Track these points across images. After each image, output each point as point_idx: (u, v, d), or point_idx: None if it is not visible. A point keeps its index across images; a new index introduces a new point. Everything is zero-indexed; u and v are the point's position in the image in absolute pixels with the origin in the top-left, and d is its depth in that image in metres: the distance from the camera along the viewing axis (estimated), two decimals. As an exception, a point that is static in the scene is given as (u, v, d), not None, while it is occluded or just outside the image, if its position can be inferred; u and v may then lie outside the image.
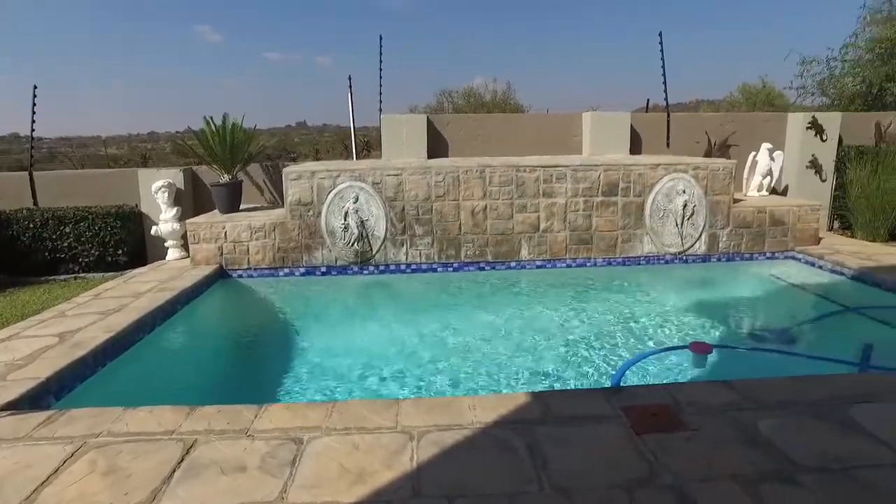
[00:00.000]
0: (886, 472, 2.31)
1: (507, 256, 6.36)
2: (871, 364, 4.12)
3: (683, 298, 5.63)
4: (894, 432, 2.60)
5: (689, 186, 6.38)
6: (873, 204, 7.06)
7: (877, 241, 7.06)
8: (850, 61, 12.09)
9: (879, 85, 10.78)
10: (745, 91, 28.75)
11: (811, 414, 2.78)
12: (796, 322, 5.12)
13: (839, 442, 2.52)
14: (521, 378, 3.81)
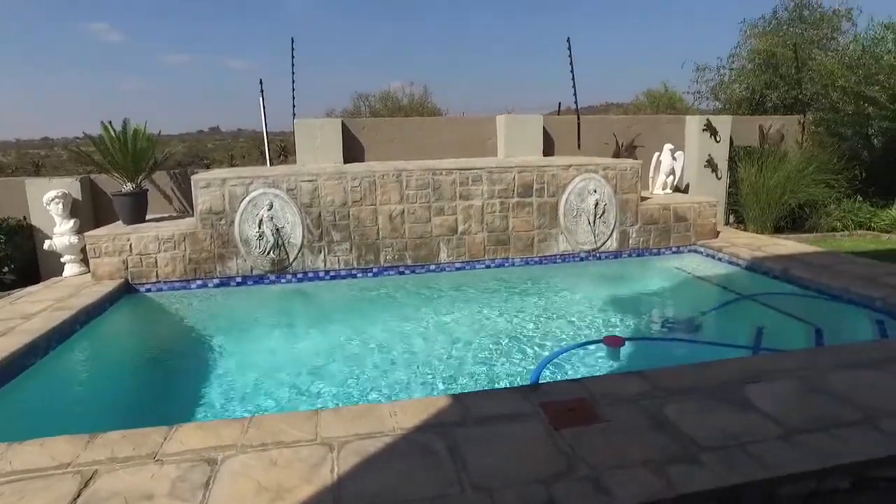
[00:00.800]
0: (773, 444, 2.50)
1: (426, 260, 6.39)
2: (762, 346, 4.46)
3: (598, 294, 5.86)
4: (778, 407, 2.83)
5: (599, 186, 6.66)
6: (760, 199, 7.66)
7: (765, 233, 7.66)
8: (736, 69, 13.07)
9: (760, 91, 11.71)
10: (649, 95, 30.39)
11: (712, 396, 2.97)
12: (700, 311, 5.45)
13: (735, 420, 2.71)
14: (443, 381, 3.83)
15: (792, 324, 4.92)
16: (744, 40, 13.66)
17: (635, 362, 4.10)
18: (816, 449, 2.47)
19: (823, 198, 7.83)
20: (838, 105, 8.31)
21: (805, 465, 2.36)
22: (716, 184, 8.38)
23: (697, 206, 7.09)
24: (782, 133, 8.84)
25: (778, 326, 4.93)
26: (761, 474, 2.32)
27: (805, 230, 7.90)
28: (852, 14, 12.38)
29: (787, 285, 5.68)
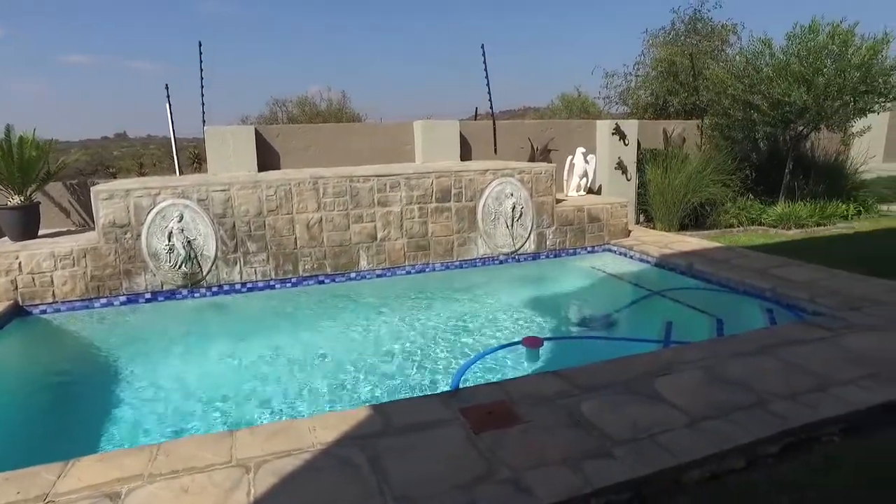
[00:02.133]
0: (679, 433, 2.64)
1: (346, 268, 6.30)
2: (671, 339, 4.71)
3: (517, 296, 5.99)
4: (684, 397, 2.99)
5: (516, 190, 6.81)
6: (667, 199, 8.10)
7: (671, 230, 8.10)
8: (641, 77, 13.79)
9: (664, 97, 12.41)
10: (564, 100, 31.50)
11: (625, 391, 3.10)
12: (614, 308, 5.69)
13: (646, 413, 2.84)
14: (364, 391, 3.79)
15: (697, 316, 5.22)
16: (647, 49, 14.44)
17: (554, 361, 4.21)
18: (717, 434, 2.63)
19: (721, 196, 8.39)
20: (729, 111, 8.93)
21: (707, 450, 2.51)
22: (626, 185, 8.78)
23: (609, 207, 7.41)
24: (684, 136, 9.41)
25: (685, 319, 5.22)
26: (669, 462, 2.44)
27: (706, 227, 8.43)
28: (737, 28, 13.39)
29: (692, 279, 6.03)
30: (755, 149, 9.82)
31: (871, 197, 9.32)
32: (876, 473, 2.50)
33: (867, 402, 2.93)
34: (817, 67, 7.97)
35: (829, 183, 9.20)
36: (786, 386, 3.13)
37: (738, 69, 8.88)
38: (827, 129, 8.99)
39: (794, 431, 2.71)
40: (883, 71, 7.93)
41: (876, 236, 7.71)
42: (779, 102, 8.19)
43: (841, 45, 8.04)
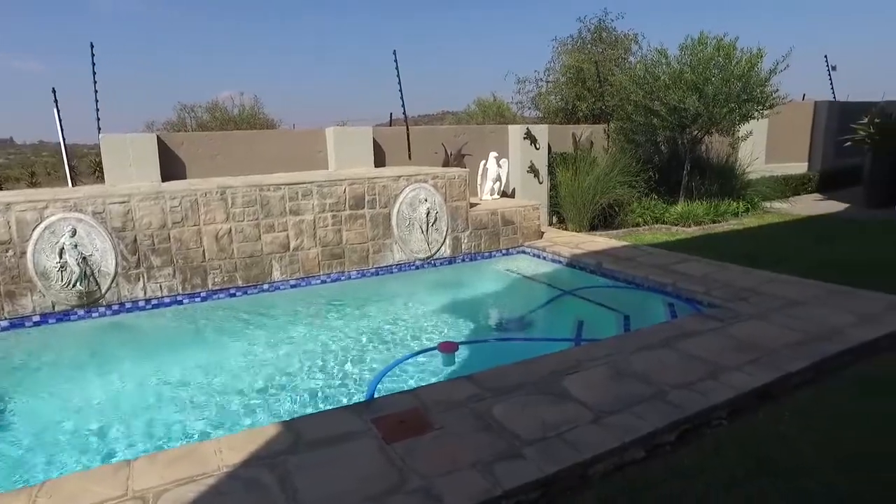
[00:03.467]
0: (586, 429, 2.75)
1: (258, 279, 6.10)
2: (582, 337, 4.90)
3: (434, 301, 6.03)
4: (591, 393, 3.12)
5: (430, 195, 6.85)
6: (577, 201, 8.42)
7: (582, 231, 8.43)
8: (552, 82, 14.31)
9: (573, 102, 12.93)
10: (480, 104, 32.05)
11: (536, 391, 3.19)
12: (529, 309, 5.83)
13: (555, 412, 2.93)
14: (277, 407, 3.68)
15: (606, 313, 5.46)
16: (557, 56, 15.00)
17: (470, 365, 4.26)
18: (620, 427, 2.76)
19: (627, 197, 8.82)
20: (632, 116, 9.43)
21: (610, 444, 2.63)
22: (538, 188, 9.05)
23: (523, 210, 7.60)
24: (591, 140, 9.82)
25: (595, 317, 5.44)
26: (575, 459, 2.53)
27: (615, 226, 8.83)
28: (638, 38, 14.18)
29: (601, 278, 6.30)
30: (657, 151, 10.40)
31: (757, 195, 10.10)
32: (755, 452, 2.70)
33: (749, 386, 3.17)
34: (706, 77, 8.55)
35: (722, 183, 9.89)
36: (682, 376, 3.32)
37: (638, 77, 9.37)
38: (717, 133, 9.65)
39: (688, 419, 2.88)
40: (760, 81, 8.63)
41: (761, 231, 8.36)
42: (675, 108, 8.72)
43: (725, 57, 8.68)
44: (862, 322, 4.20)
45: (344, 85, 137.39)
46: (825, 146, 13.50)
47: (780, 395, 3.24)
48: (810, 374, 3.47)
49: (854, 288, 5.06)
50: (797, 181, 12.42)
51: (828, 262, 6.32)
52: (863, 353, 3.76)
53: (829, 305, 4.61)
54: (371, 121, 9.79)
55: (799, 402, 3.18)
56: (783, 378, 3.32)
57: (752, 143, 11.18)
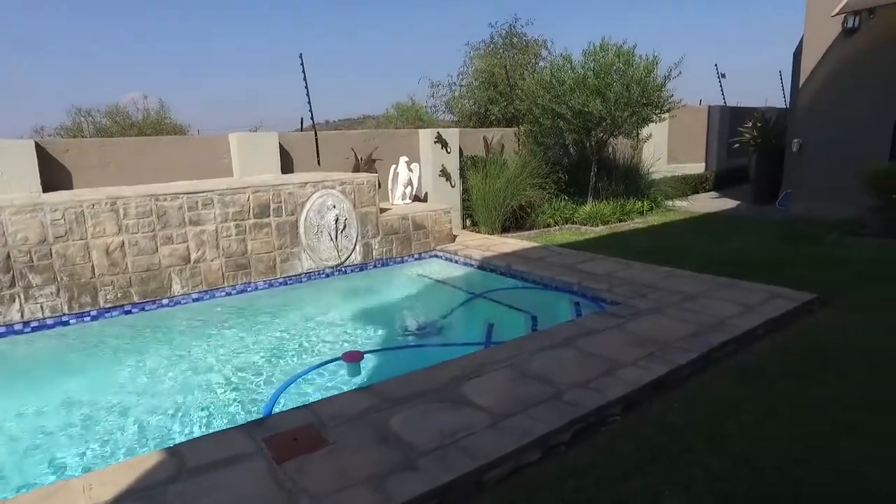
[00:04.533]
0: (482, 435, 2.74)
1: (156, 294, 5.74)
2: (491, 340, 4.93)
3: (344, 309, 5.89)
4: (490, 398, 3.12)
5: (338, 201, 6.71)
6: (488, 203, 8.52)
7: (495, 233, 8.54)
8: (465, 86, 14.46)
9: (485, 106, 13.12)
10: (398, 108, 31.99)
11: (436, 399, 3.15)
12: (440, 314, 5.81)
13: (453, 419, 2.90)
14: (165, 432, 3.44)
15: (514, 315, 5.52)
16: (469, 61, 15.16)
17: (376, 374, 4.18)
18: (516, 430, 2.77)
19: (537, 198, 9.02)
20: (539, 119, 9.66)
21: (506, 448, 2.62)
22: (451, 191, 9.09)
23: (434, 214, 7.60)
24: (502, 143, 9.98)
25: (504, 319, 5.50)
26: (470, 466, 2.50)
27: (527, 228, 9.02)
28: (548, 44, 14.59)
29: (511, 279, 6.39)
30: (566, 154, 10.73)
31: (659, 194, 10.63)
32: (646, 444, 2.79)
33: (643, 380, 3.28)
34: (608, 82, 8.90)
35: (628, 183, 10.34)
36: (580, 374, 3.39)
37: (545, 81, 9.62)
38: (621, 136, 10.06)
39: (584, 417, 2.93)
40: (656, 87, 9.09)
41: (663, 229, 8.80)
42: (580, 112, 9.02)
43: (625, 63, 9.07)
44: (744, 312, 4.47)
45: (266, 87, 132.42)
46: (719, 148, 14.43)
47: (672, 387, 3.37)
48: (700, 364, 3.64)
49: (740, 280, 5.39)
50: (696, 180, 13.20)
51: (720, 257, 6.72)
52: (744, 342, 3.99)
53: (718, 297, 4.88)
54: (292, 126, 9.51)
55: (688, 391, 3.31)
56: (675, 370, 3.46)
57: (655, 144, 11.77)
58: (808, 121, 9.28)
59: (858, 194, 7.71)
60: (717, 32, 53.03)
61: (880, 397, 3.17)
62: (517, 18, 15.01)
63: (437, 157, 8.97)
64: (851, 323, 4.37)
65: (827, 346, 3.93)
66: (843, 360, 3.68)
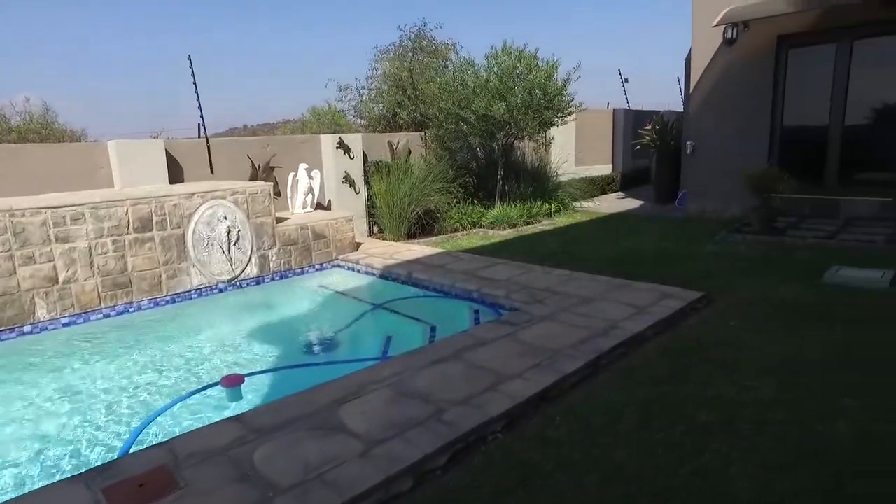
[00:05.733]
0: (351, 465, 2.55)
1: (16, 321, 5.16)
2: (388, 354, 4.74)
3: (235, 327, 5.54)
4: (366, 422, 2.94)
5: (230, 212, 6.32)
6: (393, 209, 8.35)
7: (400, 240, 8.38)
8: (375, 90, 14.23)
9: (393, 110, 12.95)
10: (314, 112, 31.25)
11: (308, 426, 2.93)
12: (338, 328, 5.58)
13: (323, 448, 2.70)
14: None
15: (413, 326, 5.38)
16: (379, 64, 14.94)
17: (258, 399, 3.90)
18: (388, 458, 2.60)
19: (444, 203, 8.94)
20: (443, 124, 9.59)
21: (375, 479, 2.45)
22: (355, 198, 8.84)
23: (335, 222, 7.34)
24: (409, 148, 9.83)
25: (403, 330, 5.34)
26: (334, 502, 2.31)
27: (434, 233, 8.91)
28: (456, 47, 14.63)
29: (412, 288, 6.24)
30: (474, 157, 10.73)
31: (567, 196, 10.84)
32: (524, 461, 2.70)
33: (527, 393, 3.20)
34: (510, 86, 8.95)
35: (536, 186, 10.46)
36: (465, 390, 3.27)
37: (448, 85, 9.57)
38: (525, 139, 10.16)
39: (462, 437, 2.81)
40: (557, 91, 9.24)
41: (568, 230, 8.94)
42: (484, 116, 9.02)
43: (526, 66, 9.16)
44: (636, 314, 4.53)
45: (161, 95, 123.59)
46: (624, 150, 14.96)
47: (558, 397, 3.32)
48: (588, 371, 3.62)
49: (635, 281, 5.50)
50: (603, 181, 13.60)
51: (619, 257, 6.86)
52: (633, 345, 4.02)
53: (612, 300, 4.93)
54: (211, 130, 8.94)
55: (573, 401, 3.27)
56: (561, 380, 3.41)
57: (563, 147, 12.00)
58: (699, 124, 9.72)
59: (744, 194, 8.13)
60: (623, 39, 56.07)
61: (748, 395, 3.25)
62: (426, 22, 14.97)
63: (341, 164, 8.71)
64: (731, 320, 4.52)
65: (708, 344, 4.02)
66: (723, 359, 3.77)
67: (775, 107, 8.99)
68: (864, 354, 3.79)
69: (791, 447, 2.72)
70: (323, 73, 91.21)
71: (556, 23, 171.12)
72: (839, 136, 8.53)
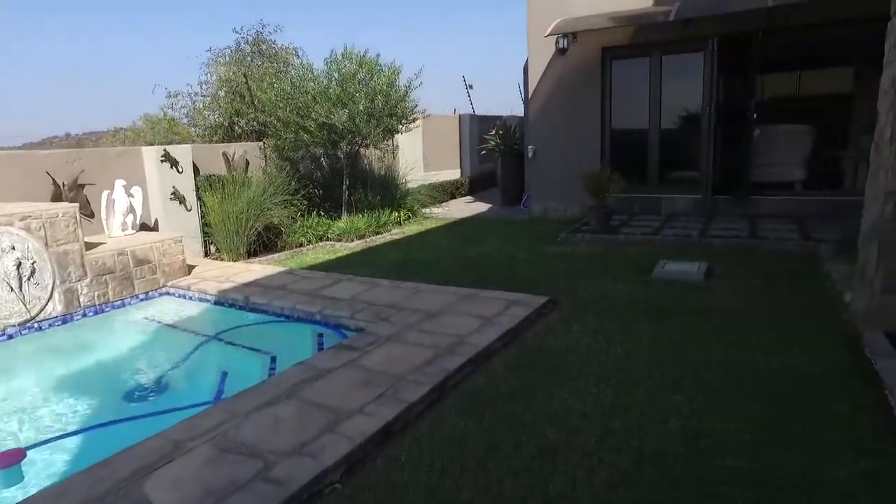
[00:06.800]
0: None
1: None
2: (223, 394, 4.21)
3: (26, 381, 4.64)
4: (178, 494, 2.48)
5: (20, 241, 5.33)
6: (229, 227, 7.66)
7: (239, 260, 7.72)
8: (210, 97, 13.16)
9: (230, 118, 12.07)
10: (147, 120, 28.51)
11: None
12: (163, 369, 4.89)
13: (115, 540, 2.21)
14: None
15: (251, 358, 4.88)
16: (214, 69, 13.84)
17: (45, 477, 3.21)
18: (199, 540, 2.19)
19: (288, 217, 8.39)
20: (281, 133, 9.02)
21: (179, 572, 2.03)
22: (187, 216, 8.00)
23: (160, 245, 6.53)
24: (247, 159, 9.13)
25: (240, 364, 4.83)
26: None
27: (278, 249, 8.34)
28: (298, 52, 14.01)
29: (250, 314, 5.70)
30: (319, 167, 10.26)
31: (416, 203, 10.76)
32: (368, 516, 2.43)
33: (368, 432, 2.93)
34: (352, 93, 8.65)
35: (384, 194, 10.23)
36: (298, 436, 2.92)
37: (285, 92, 9.03)
38: (371, 147, 9.88)
39: (294, 497, 2.46)
40: (399, 97, 9.12)
41: (418, 239, 8.83)
42: (324, 124, 8.61)
43: (368, 72, 8.92)
44: (483, 325, 4.46)
45: None
46: (471, 154, 15.31)
47: (403, 431, 3.08)
48: (435, 396, 3.43)
49: (482, 289, 5.46)
50: (452, 186, 13.78)
51: (466, 264, 6.85)
52: (480, 361, 3.92)
53: (459, 313, 4.82)
54: None
55: (419, 434, 3.05)
56: (405, 411, 3.19)
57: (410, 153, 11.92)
58: (538, 129, 10.13)
59: (582, 195, 8.56)
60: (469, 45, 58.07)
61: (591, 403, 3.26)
62: (264, 25, 14.17)
63: (167, 178, 7.83)
64: (574, 324, 4.60)
65: (553, 352, 4.04)
66: (567, 367, 3.78)
67: (604, 113, 9.61)
68: (686, 348, 4.01)
69: (631, 456, 2.72)
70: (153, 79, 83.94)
71: (404, 32, 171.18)
72: (658, 140, 9.33)
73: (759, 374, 3.54)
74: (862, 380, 3.42)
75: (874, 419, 2.97)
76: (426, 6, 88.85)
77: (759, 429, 2.91)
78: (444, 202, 12.81)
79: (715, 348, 3.97)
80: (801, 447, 2.74)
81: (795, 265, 6.03)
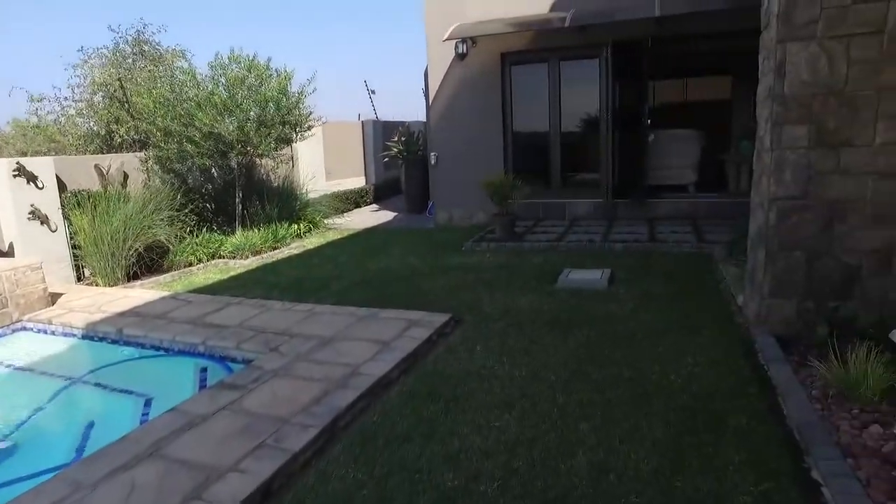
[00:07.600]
0: None
1: None
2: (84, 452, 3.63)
3: None
4: None
5: None
6: (102, 249, 6.88)
7: (117, 284, 6.95)
8: (84, 102, 11.97)
9: (108, 127, 11.03)
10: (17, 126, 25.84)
11: None
12: (15, 422, 4.19)
13: None
14: None
15: (123, 402, 4.33)
16: (88, 71, 12.61)
17: None
18: None
19: (173, 234, 7.67)
20: (160, 143, 8.27)
21: None
22: (52, 238, 7.11)
23: (13, 274, 5.71)
24: (125, 172, 8.29)
25: (109, 411, 4.27)
26: None
27: (164, 270, 7.60)
28: (186, 54, 13.03)
29: (125, 349, 5.09)
30: (209, 179, 9.53)
31: (318, 214, 10.26)
32: None
33: (241, 496, 2.55)
34: (240, 100, 8.07)
35: (283, 206, 9.65)
36: (157, 507, 2.49)
37: (165, 98, 8.28)
38: (263, 157, 9.24)
39: (141, 591, 2.05)
40: (292, 104, 8.63)
41: (318, 252, 8.36)
42: (210, 133, 7.98)
43: (258, 77, 8.36)
44: (380, 351, 4.16)
45: None
46: (375, 161, 14.95)
47: (284, 488, 2.72)
48: (323, 441, 3.09)
49: (381, 309, 5.16)
50: (356, 195, 13.35)
51: (366, 279, 6.52)
52: (376, 394, 3.61)
53: (355, 338, 4.50)
54: None
55: (301, 492, 2.69)
56: (288, 463, 2.82)
57: (311, 162, 11.39)
58: (440, 135, 9.95)
59: (486, 201, 8.45)
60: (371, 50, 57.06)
61: (493, 439, 3.04)
62: (146, 24, 13.08)
63: (24, 196, 6.91)
64: (476, 343, 4.39)
65: (454, 379, 3.79)
66: (468, 396, 3.55)
67: (506, 118, 9.58)
68: (591, 364, 3.90)
69: (536, 503, 2.52)
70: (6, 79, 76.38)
71: (307, 33, 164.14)
72: (559, 144, 9.41)
73: (662, 390, 3.47)
74: (758, 387, 3.43)
75: (772, 430, 2.95)
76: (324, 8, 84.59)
77: (667, 454, 2.80)
78: (349, 212, 12.38)
79: (619, 363, 3.88)
80: (708, 471, 2.64)
81: (693, 266, 6.18)
